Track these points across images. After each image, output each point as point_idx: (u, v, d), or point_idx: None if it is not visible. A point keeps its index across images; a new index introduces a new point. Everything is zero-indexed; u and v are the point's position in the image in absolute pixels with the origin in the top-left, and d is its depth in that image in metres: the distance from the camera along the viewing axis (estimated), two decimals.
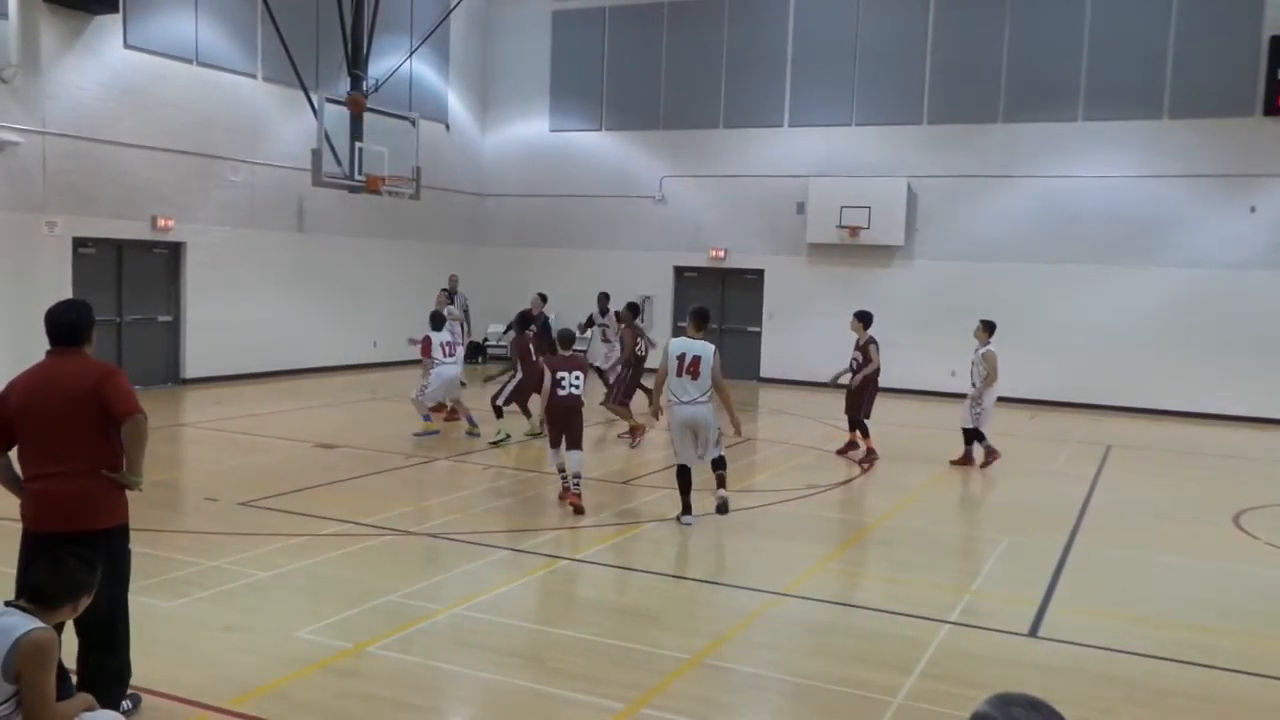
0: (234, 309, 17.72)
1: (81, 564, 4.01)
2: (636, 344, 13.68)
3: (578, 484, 9.22)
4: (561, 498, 9.46)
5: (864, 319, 13.14)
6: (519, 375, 12.77)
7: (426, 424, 13.02)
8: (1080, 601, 7.29)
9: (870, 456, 12.52)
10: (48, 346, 4.73)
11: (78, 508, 4.54)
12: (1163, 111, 17.93)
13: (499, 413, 12.71)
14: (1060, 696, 5.45)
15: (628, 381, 13.61)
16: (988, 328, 12.45)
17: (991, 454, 12.24)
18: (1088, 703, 5.43)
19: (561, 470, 9.45)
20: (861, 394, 12.75)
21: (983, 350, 12.32)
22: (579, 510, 9.07)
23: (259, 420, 13.93)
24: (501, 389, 12.88)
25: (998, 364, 12.20)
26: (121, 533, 4.71)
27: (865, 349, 12.86)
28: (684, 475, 8.89)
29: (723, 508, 8.82)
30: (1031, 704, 2.00)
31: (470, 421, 13.13)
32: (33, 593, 3.88)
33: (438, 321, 13.52)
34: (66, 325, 4.68)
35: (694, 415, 8.65)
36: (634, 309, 14.12)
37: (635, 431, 13.02)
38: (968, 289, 19.04)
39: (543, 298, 15.28)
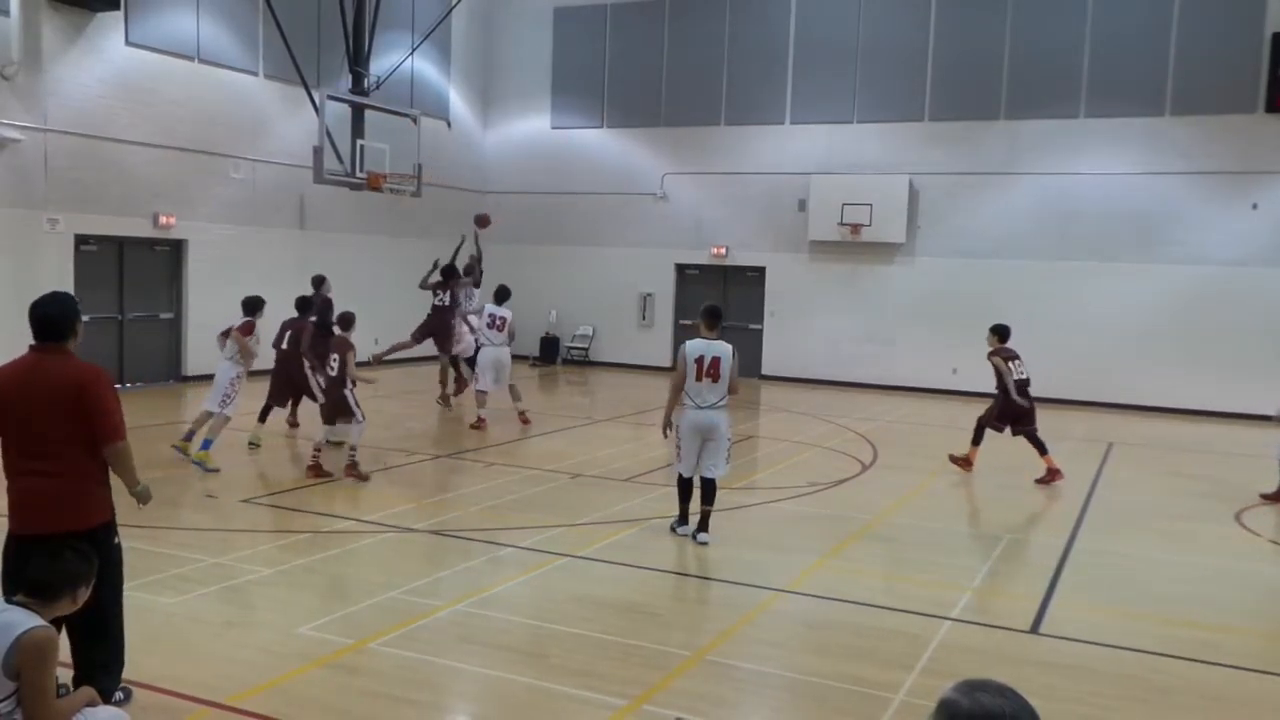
0: (236, 307, 17.60)
1: (78, 555, 4.03)
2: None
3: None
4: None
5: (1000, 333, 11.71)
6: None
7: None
8: (1082, 598, 7.29)
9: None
10: (31, 341, 4.65)
11: (60, 508, 4.46)
12: (1164, 108, 17.91)
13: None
14: (1061, 693, 5.48)
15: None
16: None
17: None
18: (1089, 700, 5.44)
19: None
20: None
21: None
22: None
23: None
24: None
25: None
26: (107, 529, 4.64)
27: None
28: (685, 485, 8.51)
29: (683, 521, 8.47)
30: (999, 690, 2.02)
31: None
32: (31, 586, 3.89)
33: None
34: (49, 320, 4.58)
35: (709, 421, 8.16)
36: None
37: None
38: (969, 286, 19.04)
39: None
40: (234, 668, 5.41)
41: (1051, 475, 11.19)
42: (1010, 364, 11.28)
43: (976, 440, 11.70)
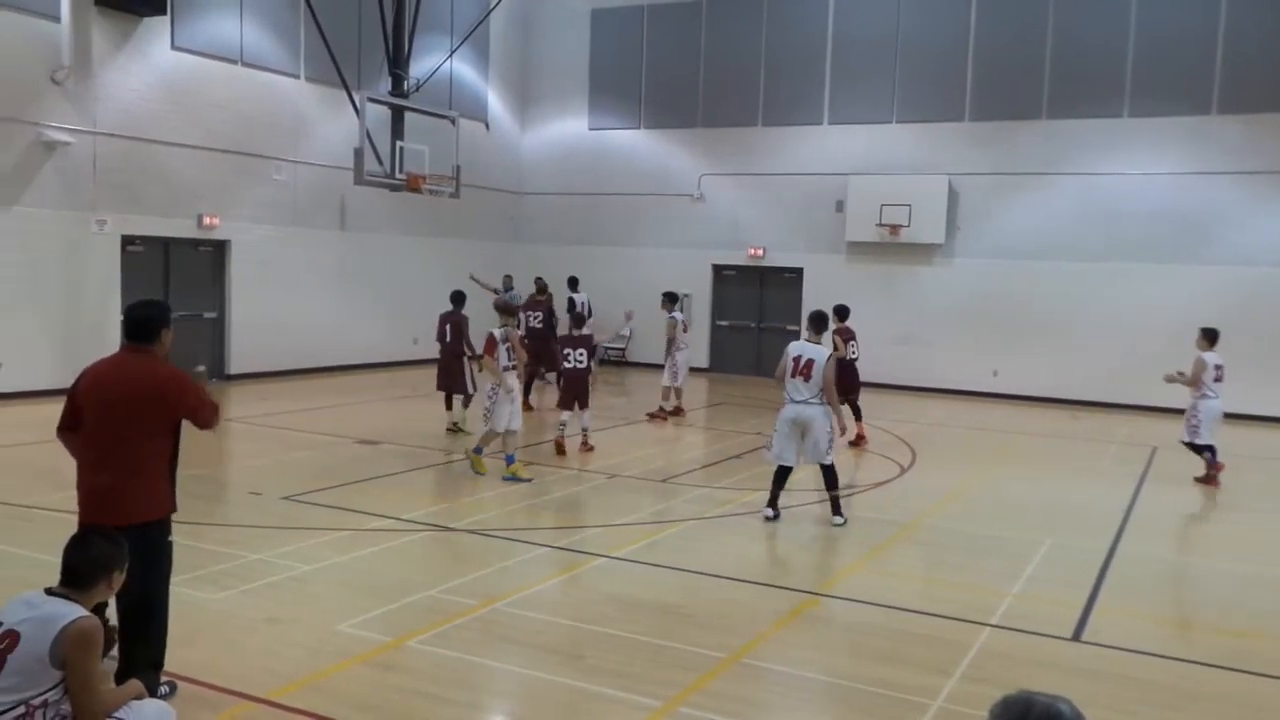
0: (278, 306, 17.96)
1: (106, 540, 4.06)
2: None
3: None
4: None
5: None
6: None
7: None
8: (1125, 605, 7.18)
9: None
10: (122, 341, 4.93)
11: (127, 500, 4.66)
12: (1211, 106, 17.59)
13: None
14: (1104, 701, 5.40)
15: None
16: (1207, 336, 12.00)
17: (1211, 471, 11.57)
18: (1132, 708, 5.36)
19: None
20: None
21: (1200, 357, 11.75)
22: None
23: (302, 416, 14.11)
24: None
25: (1202, 369, 11.72)
26: (161, 526, 4.80)
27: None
28: (781, 474, 9.09)
29: (774, 505, 9.09)
30: (1050, 701, 2.01)
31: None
32: (66, 576, 3.92)
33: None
34: (139, 321, 4.79)
35: (803, 414, 8.91)
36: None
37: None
38: (1009, 288, 18.84)
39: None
40: (274, 663, 5.48)
41: (859, 440, 12.98)
42: (849, 344, 13.14)
43: (857, 416, 13.14)
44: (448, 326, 13.20)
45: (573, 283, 18.07)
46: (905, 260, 19.91)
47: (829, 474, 9.02)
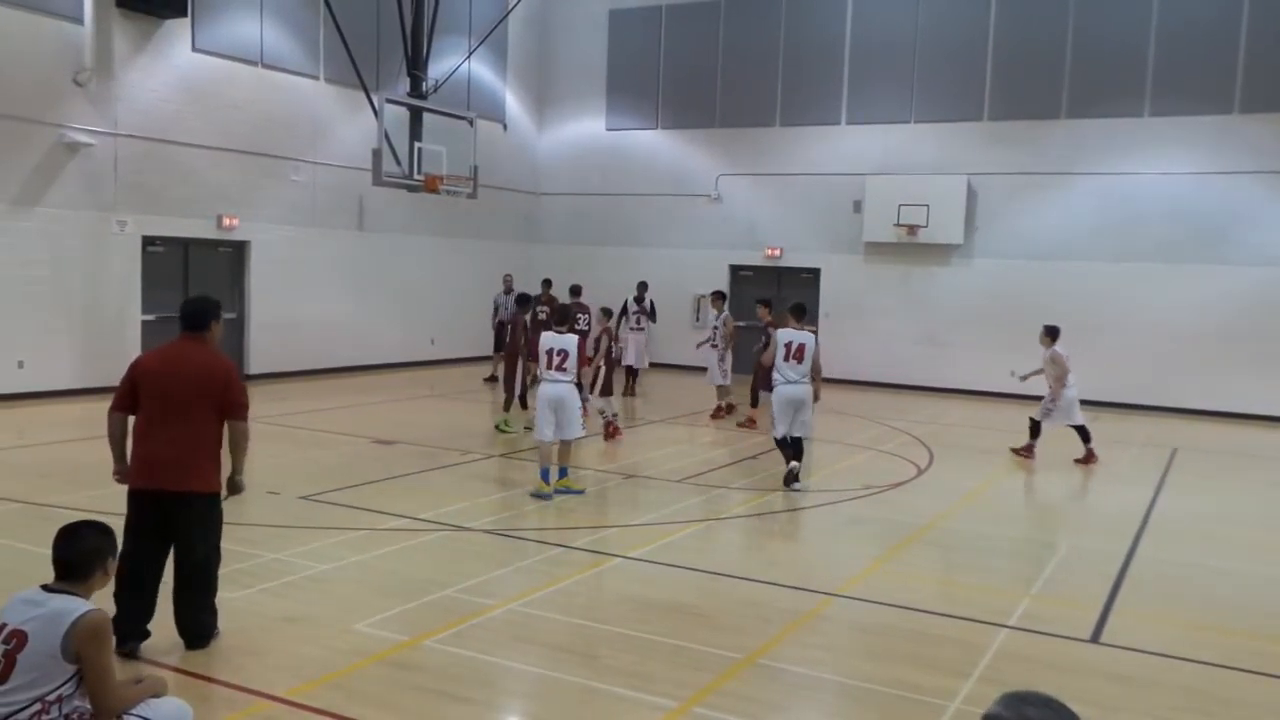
0: (296, 306, 18.06)
1: (95, 530, 4.01)
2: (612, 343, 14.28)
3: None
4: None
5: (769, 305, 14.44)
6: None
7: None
8: (1144, 607, 7.14)
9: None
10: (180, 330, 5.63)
11: (185, 471, 5.38)
12: (1234, 105, 17.44)
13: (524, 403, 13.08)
14: (1122, 704, 5.37)
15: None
16: (1051, 333, 12.81)
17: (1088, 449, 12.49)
18: (1150, 710, 5.32)
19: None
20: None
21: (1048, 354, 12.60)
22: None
23: (320, 416, 14.19)
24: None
25: (1066, 361, 12.61)
26: (215, 499, 5.59)
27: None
28: (784, 443, 10.37)
29: (792, 476, 10.20)
30: (1044, 702, 1.99)
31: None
32: (62, 570, 3.89)
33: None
34: (195, 312, 5.56)
35: (797, 393, 10.29)
36: (607, 311, 13.94)
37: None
38: (1029, 288, 18.74)
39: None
40: (292, 661, 5.51)
41: (749, 421, 14.21)
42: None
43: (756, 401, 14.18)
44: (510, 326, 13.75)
45: (641, 287, 18.35)
46: (923, 261, 19.83)
47: (800, 445, 10.35)
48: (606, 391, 13.01)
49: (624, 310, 17.58)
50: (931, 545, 8.73)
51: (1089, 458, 12.38)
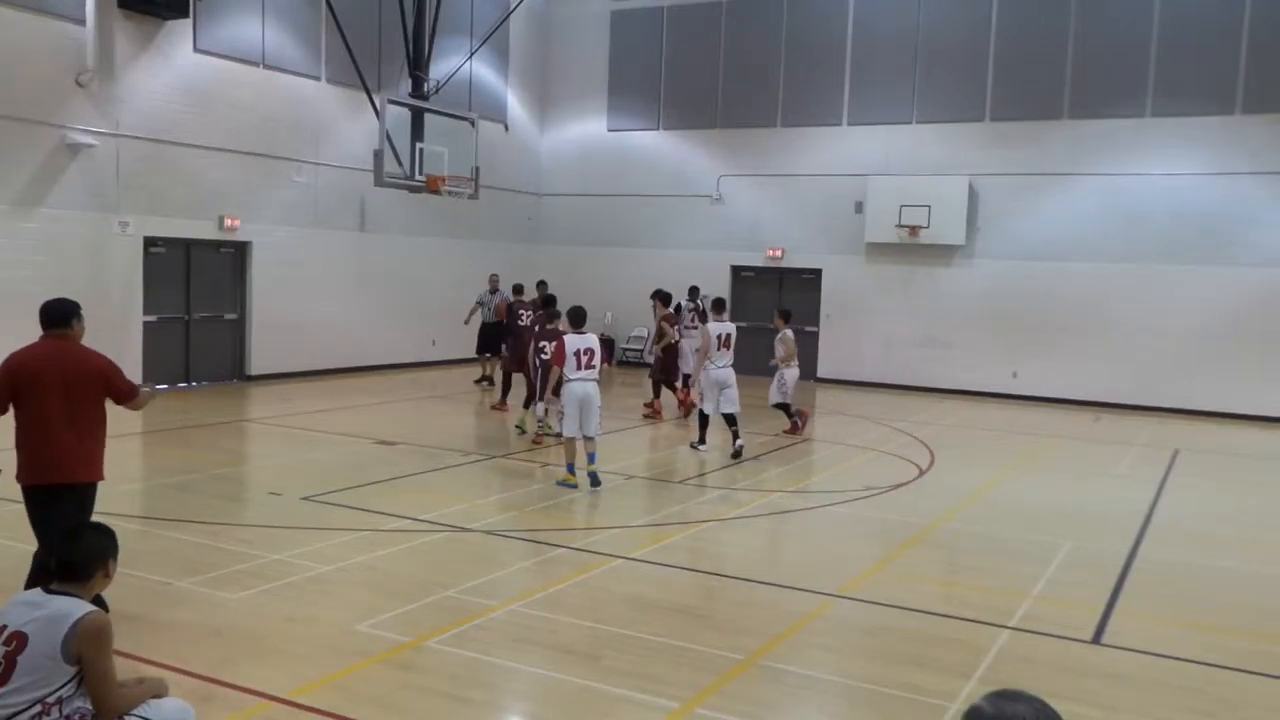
0: (298, 307, 18.06)
1: (97, 531, 4.08)
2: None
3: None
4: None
5: (663, 298, 15.42)
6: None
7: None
8: (1146, 608, 7.13)
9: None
10: (41, 332, 5.79)
11: (89, 463, 5.60)
12: (1236, 106, 17.42)
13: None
14: (1124, 705, 5.36)
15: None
16: (784, 315, 13.96)
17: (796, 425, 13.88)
18: (1151, 711, 5.32)
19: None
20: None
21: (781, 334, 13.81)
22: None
23: (321, 416, 14.19)
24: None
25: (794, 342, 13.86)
26: (94, 488, 5.75)
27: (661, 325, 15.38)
28: (705, 418, 12.31)
29: (739, 453, 11.76)
30: (1027, 699, 2.04)
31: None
32: (63, 572, 3.91)
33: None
34: (57, 311, 5.79)
35: (726, 377, 12.08)
36: (664, 297, 15.50)
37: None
38: (1030, 289, 18.73)
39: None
40: (294, 662, 5.51)
41: (684, 404, 15.13)
42: (675, 329, 15.47)
43: (685, 385, 15.07)
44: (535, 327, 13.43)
45: (693, 292, 17.49)
46: (925, 261, 19.83)
47: (734, 420, 12.02)
48: (670, 380, 14.87)
49: (678, 310, 16.67)
50: (933, 546, 8.73)
51: (794, 429, 13.79)
